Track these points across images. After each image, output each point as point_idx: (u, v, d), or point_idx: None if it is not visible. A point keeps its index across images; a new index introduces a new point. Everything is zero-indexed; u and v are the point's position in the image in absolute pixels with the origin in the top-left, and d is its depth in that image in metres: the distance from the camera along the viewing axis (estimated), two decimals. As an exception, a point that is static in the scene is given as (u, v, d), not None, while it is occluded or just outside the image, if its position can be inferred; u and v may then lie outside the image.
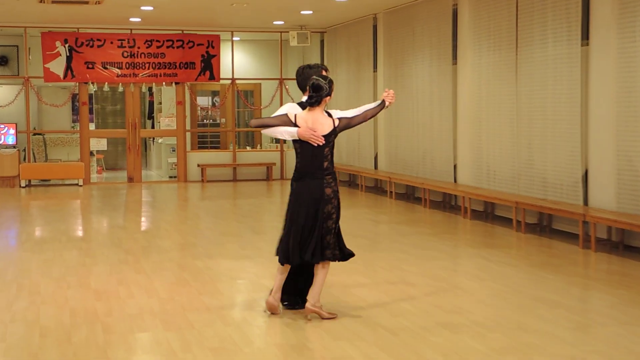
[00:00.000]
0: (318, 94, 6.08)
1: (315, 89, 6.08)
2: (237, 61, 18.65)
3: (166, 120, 18.29)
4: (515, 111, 11.02)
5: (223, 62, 18.04)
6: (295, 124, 6.08)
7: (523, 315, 6.23)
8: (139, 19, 16.28)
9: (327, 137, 6.09)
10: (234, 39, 18.39)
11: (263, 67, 19.62)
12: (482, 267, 8.29)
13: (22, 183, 16.65)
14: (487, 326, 5.90)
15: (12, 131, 16.80)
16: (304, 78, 6.36)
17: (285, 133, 6.07)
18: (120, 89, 17.89)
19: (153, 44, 17.40)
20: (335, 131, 6.13)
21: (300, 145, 6.12)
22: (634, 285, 7.43)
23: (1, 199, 14.87)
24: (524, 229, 10.31)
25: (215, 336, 5.74)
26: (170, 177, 18.72)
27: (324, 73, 6.35)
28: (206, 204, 14.58)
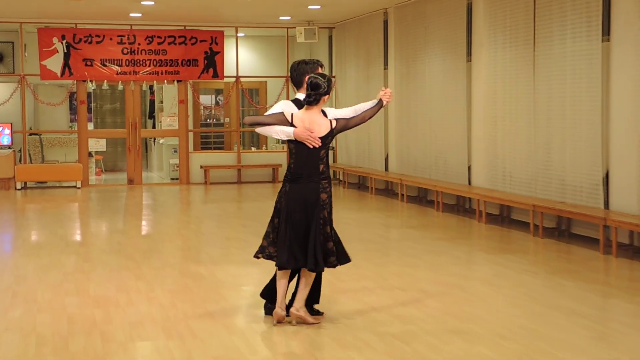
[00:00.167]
0: (316, 92, 6.08)
1: (314, 87, 6.08)
2: (242, 58, 18.67)
3: (168, 120, 18.33)
4: (533, 110, 11.01)
5: (227, 59, 18.07)
6: (291, 124, 6.09)
7: (540, 323, 6.23)
8: (139, 14, 16.32)
9: (323, 138, 6.11)
10: (239, 35, 18.42)
11: (269, 65, 19.64)
12: (497, 273, 8.29)
13: (18, 185, 16.71)
14: (502, 335, 5.90)
15: (7, 131, 16.86)
16: (299, 74, 6.38)
17: (281, 132, 6.07)
18: (120, 87, 17.94)
19: (154, 40, 17.44)
20: (332, 133, 6.15)
21: (296, 145, 6.13)
22: (657, 292, 7.43)
23: (-4, 201, 14.95)
24: (542, 234, 10.30)
25: (219, 345, 5.75)
26: (172, 179, 18.76)
27: (319, 70, 6.37)
28: (209, 207, 14.62)
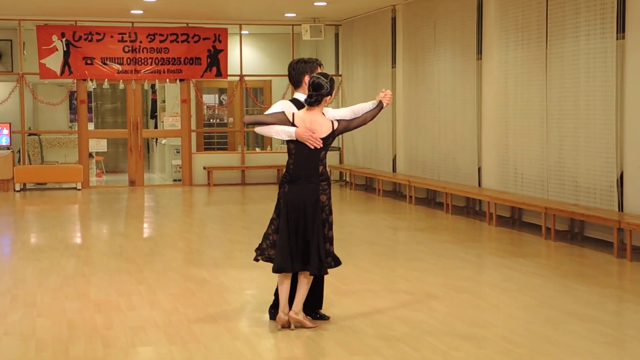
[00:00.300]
0: (318, 93, 6.10)
1: (316, 87, 6.11)
2: (246, 56, 18.71)
3: (170, 120, 18.36)
4: (545, 110, 11.01)
5: (231, 58, 18.10)
6: (292, 123, 6.11)
7: (553, 329, 6.23)
8: (140, 11, 16.35)
9: (325, 139, 6.14)
10: (243, 32, 18.45)
11: (273, 63, 19.66)
12: (508, 277, 8.29)
13: (17, 187, 16.75)
14: (513, 341, 5.90)
15: (5, 131, 16.91)
16: (298, 73, 6.41)
17: (282, 132, 6.09)
18: (121, 87, 17.99)
19: (156, 38, 17.47)
20: (334, 134, 6.18)
21: (296, 146, 6.15)
22: (673, 297, 7.43)
23: (-6, 203, 14.99)
24: (554, 237, 10.30)
25: (223, 350, 5.77)
26: (175, 180, 18.79)
27: (319, 69, 6.40)
28: (213, 210, 14.64)
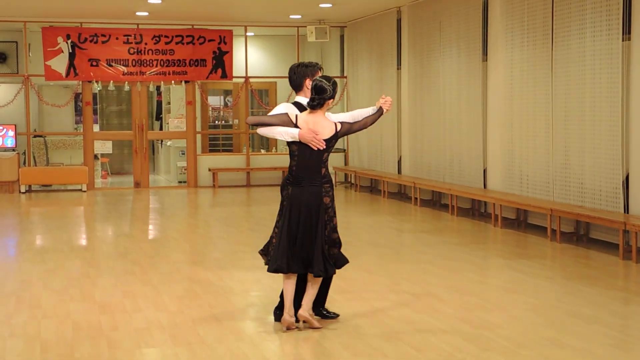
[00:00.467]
0: (321, 96, 6.15)
1: (318, 90, 6.16)
2: (251, 58, 18.72)
3: (175, 122, 18.39)
4: (551, 111, 11.01)
5: (236, 59, 18.11)
6: (295, 125, 6.14)
7: (558, 331, 6.23)
8: (146, 13, 16.38)
9: (328, 141, 6.18)
10: (248, 34, 18.46)
11: (279, 65, 19.65)
12: (513, 279, 8.29)
13: (22, 188, 16.78)
14: (519, 343, 5.90)
15: (11, 133, 16.95)
16: (299, 77, 6.47)
17: (285, 134, 6.12)
18: (127, 88, 18.01)
19: (161, 39, 17.50)
20: (336, 136, 6.21)
21: (299, 147, 6.18)
22: (679, 299, 7.42)
23: (0, 205, 15.03)
24: (559, 239, 10.29)
25: (228, 352, 5.78)
26: (180, 182, 18.82)
27: (319, 73, 6.46)
28: (218, 211, 14.65)
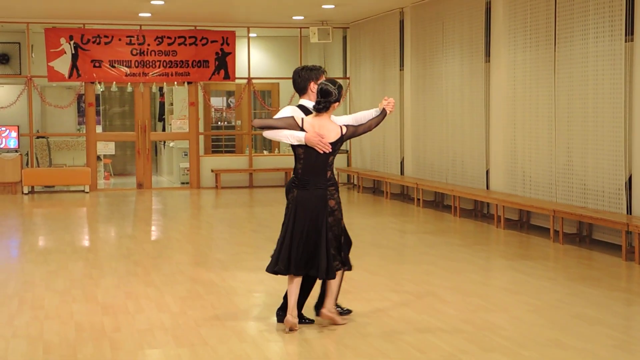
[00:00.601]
0: (326, 99, 6.20)
1: (324, 94, 6.21)
2: (254, 59, 18.73)
3: (178, 123, 18.39)
4: (553, 112, 11.01)
5: (239, 60, 18.13)
6: (301, 128, 6.18)
7: (560, 332, 6.23)
8: (148, 14, 16.39)
9: (333, 144, 6.21)
10: (251, 35, 18.48)
11: (281, 66, 19.67)
12: (516, 280, 8.29)
13: (25, 189, 16.79)
14: (521, 344, 5.90)
15: (14, 134, 16.97)
16: (303, 80, 6.56)
17: (291, 137, 6.16)
18: (129, 89, 18.01)
19: (164, 40, 17.51)
20: (342, 139, 6.25)
21: (305, 151, 6.22)
22: (682, 300, 7.42)
23: (2, 206, 15.02)
24: (562, 240, 10.29)
25: (230, 353, 5.78)
26: (182, 183, 18.83)
27: (323, 77, 6.51)
28: (220, 212, 14.66)
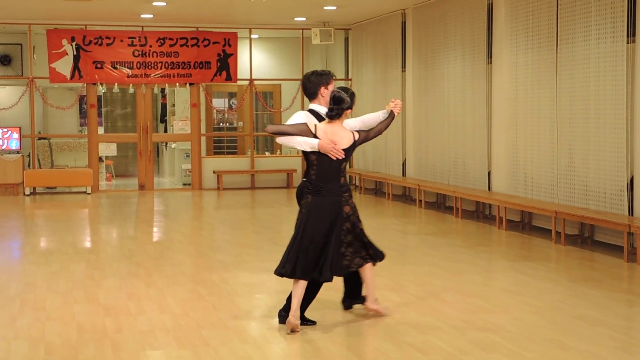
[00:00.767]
0: (339, 107, 6.28)
1: (337, 101, 6.28)
2: (256, 60, 18.74)
3: (180, 124, 18.40)
4: (555, 114, 11.01)
5: (240, 62, 18.13)
6: (314, 135, 6.23)
7: (562, 333, 6.23)
8: (150, 15, 16.40)
9: (346, 151, 6.29)
10: (253, 36, 18.48)
11: (283, 67, 19.69)
12: (518, 281, 8.30)
13: (27, 191, 16.80)
14: (523, 345, 5.91)
15: (15, 135, 16.98)
16: (314, 85, 6.59)
17: (305, 144, 6.22)
18: (131, 91, 18.03)
19: (166, 42, 17.52)
20: (354, 145, 6.33)
21: (318, 157, 6.28)
22: (684, 302, 7.42)
23: (4, 207, 15.04)
24: (564, 241, 10.29)
25: (232, 354, 5.79)
26: (184, 184, 18.83)
27: (332, 81, 6.58)
28: (222, 214, 14.66)
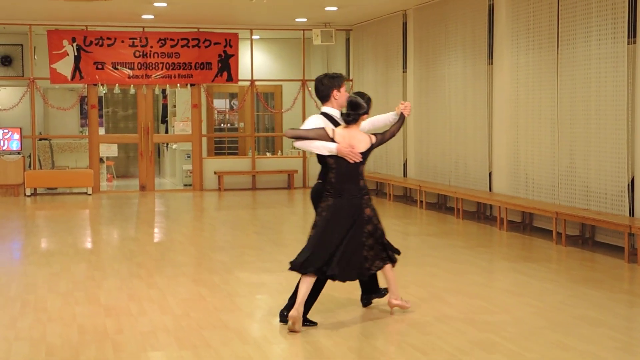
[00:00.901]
0: (356, 112, 6.42)
1: (354, 107, 6.43)
2: (257, 61, 18.75)
3: (181, 125, 18.41)
4: (556, 114, 11.01)
5: (241, 63, 18.13)
6: (332, 140, 6.35)
7: (563, 334, 6.23)
8: (151, 16, 16.41)
9: (364, 154, 6.42)
10: (254, 37, 18.48)
11: (284, 68, 19.70)
12: (519, 282, 8.30)
13: (27, 192, 16.81)
14: (524, 346, 5.91)
15: (16, 136, 16.99)
16: (327, 88, 6.66)
17: (323, 148, 6.35)
18: (132, 91, 18.03)
19: (167, 43, 17.53)
20: (372, 148, 6.47)
21: (336, 161, 6.41)
22: (685, 302, 7.42)
23: (5, 208, 15.05)
24: (565, 242, 10.29)
25: (233, 355, 5.79)
26: (185, 185, 18.84)
27: (344, 84, 6.69)
28: (223, 214, 14.67)
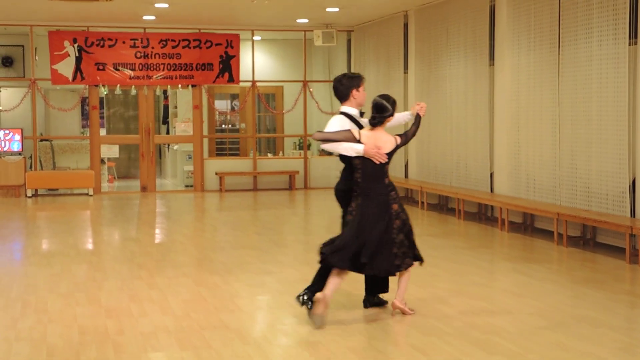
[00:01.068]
0: (382, 115, 6.65)
1: (379, 109, 6.66)
2: (258, 62, 18.75)
3: (182, 126, 18.42)
4: (557, 115, 11.01)
5: (243, 63, 18.14)
6: (358, 141, 6.55)
7: (564, 335, 6.23)
8: (153, 17, 16.43)
9: (389, 154, 6.63)
10: (255, 38, 18.49)
11: (286, 69, 19.71)
12: (520, 283, 8.30)
13: (28, 192, 16.82)
14: (525, 347, 5.91)
15: (17, 137, 17.00)
16: (346, 88, 6.89)
17: (350, 149, 6.55)
18: (133, 92, 18.01)
19: (168, 43, 17.54)
20: (397, 148, 6.67)
21: (362, 161, 6.61)
22: (686, 303, 7.42)
23: (6, 209, 15.05)
24: (566, 243, 10.29)
25: (234, 356, 5.80)
26: (186, 186, 18.85)
27: (363, 84, 6.92)
28: (224, 215, 14.67)
